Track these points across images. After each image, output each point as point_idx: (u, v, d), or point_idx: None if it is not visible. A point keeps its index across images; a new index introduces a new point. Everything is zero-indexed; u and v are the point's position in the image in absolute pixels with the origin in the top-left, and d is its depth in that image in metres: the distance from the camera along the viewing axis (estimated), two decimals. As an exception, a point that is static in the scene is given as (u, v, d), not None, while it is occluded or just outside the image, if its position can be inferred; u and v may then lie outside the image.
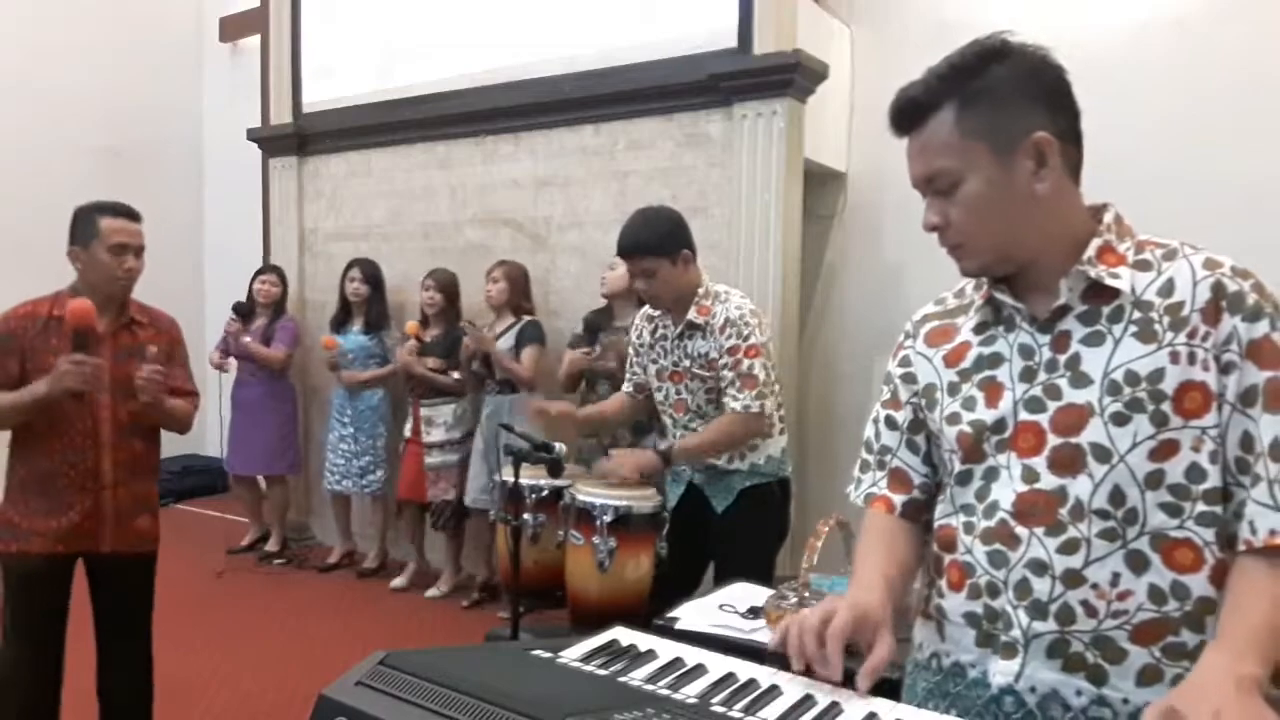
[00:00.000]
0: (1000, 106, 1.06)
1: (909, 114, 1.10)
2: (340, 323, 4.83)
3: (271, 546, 5.16)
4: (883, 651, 1.02)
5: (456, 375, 4.34)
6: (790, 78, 3.65)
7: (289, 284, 5.16)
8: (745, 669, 1.03)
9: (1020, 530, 1.09)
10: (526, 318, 4.22)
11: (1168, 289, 1.06)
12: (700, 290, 2.64)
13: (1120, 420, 1.05)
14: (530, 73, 4.40)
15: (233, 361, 4.98)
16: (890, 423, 1.27)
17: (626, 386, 2.95)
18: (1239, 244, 1.28)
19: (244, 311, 4.93)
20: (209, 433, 7.02)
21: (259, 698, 3.33)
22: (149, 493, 2.48)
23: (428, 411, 4.43)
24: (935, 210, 1.12)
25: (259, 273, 5.11)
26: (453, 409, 4.44)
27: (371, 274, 4.75)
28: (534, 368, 4.11)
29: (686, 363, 2.68)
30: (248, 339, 4.87)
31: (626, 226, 2.64)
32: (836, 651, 1.00)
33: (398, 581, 4.65)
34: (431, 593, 4.53)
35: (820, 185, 4.18)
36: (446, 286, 4.45)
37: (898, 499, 1.25)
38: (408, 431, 4.54)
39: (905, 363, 1.26)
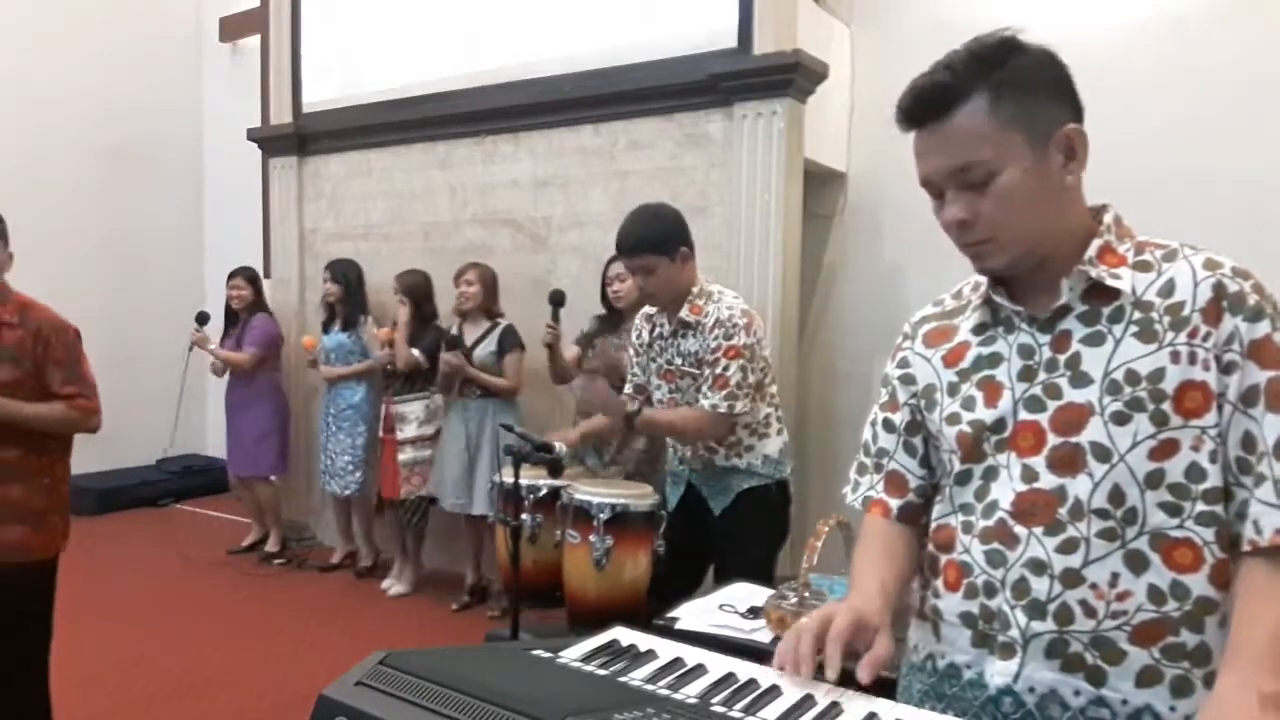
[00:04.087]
0: (1031, 96, 1.05)
1: (933, 102, 1.05)
2: (327, 323, 4.90)
3: (271, 547, 5.16)
4: (881, 650, 1.01)
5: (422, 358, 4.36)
6: (790, 78, 3.64)
7: (288, 286, 5.17)
8: (745, 669, 1.02)
9: (1019, 530, 1.09)
10: (503, 322, 4.22)
11: (1168, 289, 1.06)
12: (694, 289, 2.64)
13: (1120, 419, 1.04)
14: (530, 73, 4.40)
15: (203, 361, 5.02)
16: (888, 425, 1.27)
17: (627, 389, 2.92)
18: (1238, 244, 1.28)
19: (206, 319, 4.98)
20: (209, 433, 7.04)
21: (259, 698, 3.33)
22: (18, 501, 2.31)
23: (399, 408, 4.47)
24: (963, 205, 1.07)
25: (230, 277, 5.12)
26: (424, 404, 4.47)
27: (341, 273, 4.78)
28: (517, 376, 4.15)
29: (679, 361, 2.68)
30: (213, 346, 4.95)
31: (625, 224, 2.62)
32: (836, 654, 0.99)
33: (388, 583, 4.62)
34: (396, 589, 4.54)
35: (820, 185, 4.18)
36: (409, 290, 4.45)
37: (894, 503, 1.25)
38: (379, 431, 4.64)
39: (904, 364, 1.25)
